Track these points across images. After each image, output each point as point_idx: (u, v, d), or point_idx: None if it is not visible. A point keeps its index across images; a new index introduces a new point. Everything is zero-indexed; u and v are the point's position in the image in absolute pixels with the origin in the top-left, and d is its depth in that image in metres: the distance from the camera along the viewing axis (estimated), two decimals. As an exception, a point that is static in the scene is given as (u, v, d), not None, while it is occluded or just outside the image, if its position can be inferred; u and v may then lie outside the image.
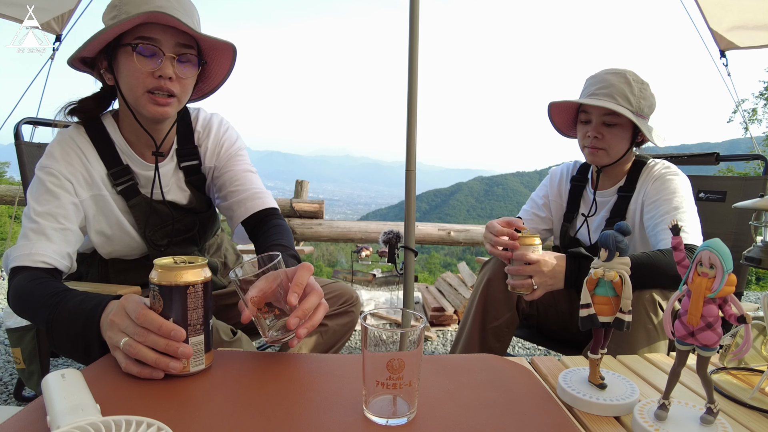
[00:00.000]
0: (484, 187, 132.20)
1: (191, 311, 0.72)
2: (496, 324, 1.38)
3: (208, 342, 0.75)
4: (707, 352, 0.61)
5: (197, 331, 0.73)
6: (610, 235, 0.71)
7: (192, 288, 0.72)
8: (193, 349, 0.72)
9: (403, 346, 0.63)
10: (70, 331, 0.81)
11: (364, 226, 3.99)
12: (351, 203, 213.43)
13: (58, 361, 2.08)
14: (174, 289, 0.71)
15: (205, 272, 0.74)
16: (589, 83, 1.40)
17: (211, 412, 0.64)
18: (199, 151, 1.24)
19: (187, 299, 0.72)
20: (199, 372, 0.73)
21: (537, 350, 2.56)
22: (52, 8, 2.77)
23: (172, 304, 0.71)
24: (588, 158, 1.42)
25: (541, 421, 0.65)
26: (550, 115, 1.51)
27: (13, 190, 3.92)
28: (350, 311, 1.37)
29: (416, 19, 1.77)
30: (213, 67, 1.17)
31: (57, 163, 1.05)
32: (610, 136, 1.35)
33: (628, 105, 1.31)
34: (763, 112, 14.51)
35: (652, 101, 1.36)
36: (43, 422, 0.58)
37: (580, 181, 1.54)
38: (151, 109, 1.02)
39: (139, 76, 1.00)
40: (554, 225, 1.60)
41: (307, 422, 0.63)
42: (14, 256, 0.98)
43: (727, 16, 2.80)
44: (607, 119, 1.34)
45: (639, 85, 1.34)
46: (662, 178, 1.36)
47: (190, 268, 0.73)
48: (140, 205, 1.15)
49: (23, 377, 1.30)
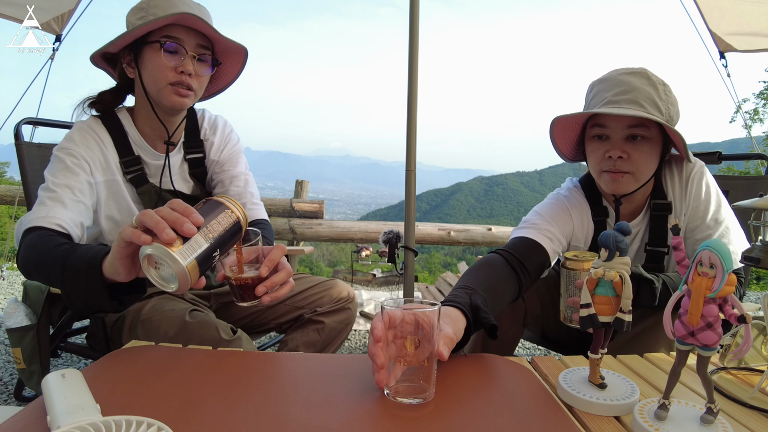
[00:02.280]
0: (484, 187, 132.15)
1: (221, 234, 0.74)
2: (499, 341, 1.21)
3: (203, 258, 0.73)
4: (707, 352, 0.61)
5: (207, 239, 0.73)
6: (611, 235, 0.70)
7: (236, 218, 0.77)
8: (192, 240, 0.71)
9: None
10: (77, 267, 0.84)
11: (364, 226, 3.99)
12: (351, 203, 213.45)
13: (59, 361, 2.08)
14: (216, 204, 0.77)
15: (244, 225, 0.80)
16: (601, 88, 1.10)
17: (211, 411, 0.64)
18: (205, 146, 1.32)
19: (224, 221, 0.75)
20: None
21: (537, 350, 2.56)
22: (51, 8, 2.77)
23: (209, 215, 0.74)
24: (607, 186, 1.11)
25: (541, 421, 0.65)
26: (552, 135, 1.20)
27: (13, 190, 3.92)
28: (346, 308, 1.38)
29: (416, 19, 1.77)
30: (223, 69, 1.27)
31: (76, 146, 1.12)
32: (638, 154, 1.05)
33: (658, 113, 1.04)
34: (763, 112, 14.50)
35: (678, 106, 1.09)
36: (44, 422, 0.58)
37: (598, 215, 1.22)
38: (172, 99, 1.12)
39: (164, 70, 1.10)
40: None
41: (308, 422, 0.63)
42: (29, 219, 1.01)
43: (724, 20, 2.82)
44: (635, 131, 1.05)
45: (663, 87, 1.07)
46: (699, 185, 1.12)
47: (243, 212, 0.79)
48: (149, 192, 1.21)
49: (23, 377, 1.30)
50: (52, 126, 1.68)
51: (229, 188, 1.30)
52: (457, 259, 12.89)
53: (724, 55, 2.96)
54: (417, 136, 1.77)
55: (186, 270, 0.70)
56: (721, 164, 1.78)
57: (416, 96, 1.76)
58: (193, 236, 0.71)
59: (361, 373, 0.77)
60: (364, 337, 2.64)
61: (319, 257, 12.77)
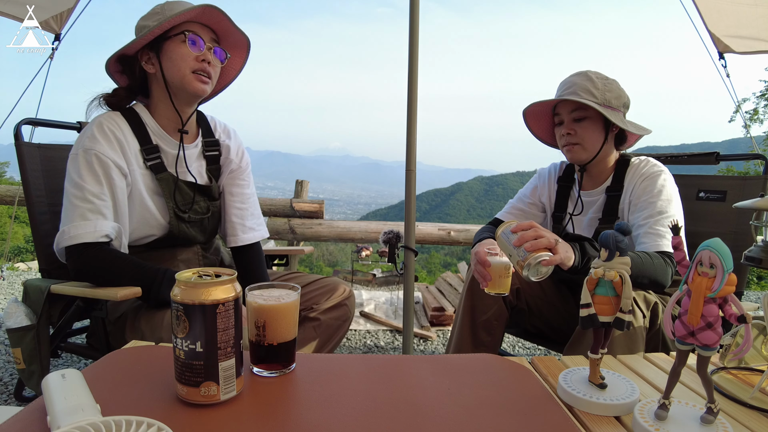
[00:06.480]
0: (484, 187, 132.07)
1: (221, 333, 0.64)
2: (485, 318, 1.39)
3: (239, 366, 0.67)
4: (707, 352, 0.61)
5: (227, 354, 0.65)
6: (611, 235, 0.71)
7: (222, 307, 0.63)
8: (223, 374, 0.64)
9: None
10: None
11: (364, 226, 3.99)
12: (351, 203, 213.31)
13: (59, 362, 2.08)
14: (201, 309, 0.62)
15: (236, 287, 0.67)
16: (558, 87, 1.45)
17: (210, 411, 0.64)
18: (221, 146, 1.43)
19: (216, 320, 0.63)
20: (229, 399, 0.66)
21: (537, 350, 2.56)
22: (51, 6, 2.77)
23: (200, 325, 0.62)
24: (567, 156, 1.47)
25: (541, 421, 0.65)
26: (528, 125, 1.57)
27: (13, 190, 3.91)
28: (343, 305, 1.39)
29: (416, 19, 1.77)
30: (228, 64, 1.36)
31: (101, 145, 1.18)
32: (581, 130, 1.39)
33: (592, 98, 1.35)
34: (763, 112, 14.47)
35: (621, 93, 1.39)
36: (44, 422, 0.58)
37: (566, 181, 1.58)
38: (195, 86, 1.24)
39: (187, 59, 1.22)
40: (544, 223, 1.62)
41: (308, 422, 0.63)
42: (76, 234, 1.14)
43: (723, 21, 2.82)
44: (576, 114, 1.40)
45: (602, 81, 1.39)
46: (648, 177, 1.38)
47: (219, 284, 0.64)
48: (167, 180, 1.29)
49: (23, 377, 1.30)
50: (52, 126, 1.68)
51: (234, 206, 1.44)
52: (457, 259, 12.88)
53: (723, 55, 2.96)
54: (417, 136, 1.77)
55: (237, 391, 0.67)
56: (720, 164, 1.78)
57: (416, 96, 1.75)
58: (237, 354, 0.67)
59: (361, 373, 0.77)
60: (365, 337, 2.64)
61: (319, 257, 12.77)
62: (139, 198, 1.25)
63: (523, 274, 1.02)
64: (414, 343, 2.54)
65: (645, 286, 1.21)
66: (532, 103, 1.48)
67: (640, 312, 1.16)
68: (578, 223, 1.50)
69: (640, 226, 1.33)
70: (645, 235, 1.30)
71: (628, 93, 1.42)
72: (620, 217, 1.42)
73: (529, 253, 1.01)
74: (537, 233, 1.04)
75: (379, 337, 2.66)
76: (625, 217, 1.42)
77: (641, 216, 1.34)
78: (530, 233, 1.04)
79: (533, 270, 1.02)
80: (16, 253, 9.77)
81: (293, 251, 2.06)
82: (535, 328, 1.54)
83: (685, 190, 1.59)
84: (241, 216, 1.44)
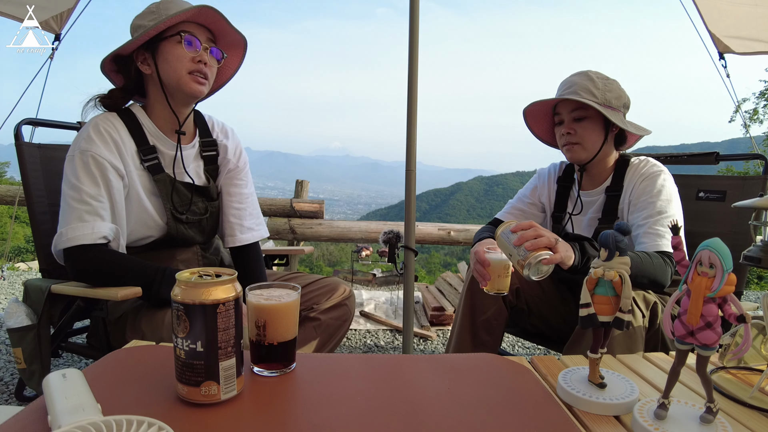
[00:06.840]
0: (484, 187, 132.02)
1: (222, 332, 0.64)
2: (485, 317, 1.39)
3: (239, 365, 0.68)
4: (707, 352, 0.61)
5: (228, 354, 0.65)
6: (610, 235, 0.71)
7: (222, 306, 0.64)
8: (224, 374, 0.65)
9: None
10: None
11: (364, 226, 3.99)
12: (351, 203, 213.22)
13: (59, 361, 2.08)
14: (202, 309, 0.63)
15: (236, 287, 0.67)
16: (558, 87, 1.45)
17: (211, 411, 0.64)
18: (218, 146, 1.42)
19: (217, 319, 0.64)
20: (230, 399, 0.67)
21: (537, 350, 2.56)
22: (51, 6, 2.77)
23: (200, 325, 0.63)
24: (567, 156, 1.46)
25: (541, 421, 0.65)
26: (528, 125, 1.57)
27: (13, 190, 3.91)
28: (343, 305, 1.39)
29: (416, 19, 1.77)
30: (225, 63, 1.35)
31: (97, 147, 1.18)
32: (581, 129, 1.39)
33: (593, 98, 1.35)
34: (763, 112, 14.48)
35: (621, 94, 1.39)
36: (44, 422, 0.58)
37: (565, 181, 1.58)
38: (192, 87, 1.22)
39: (184, 60, 1.20)
40: (544, 223, 1.62)
41: (308, 421, 0.63)
42: (74, 236, 1.14)
43: (723, 21, 2.82)
44: (576, 114, 1.39)
45: (603, 80, 1.39)
46: (647, 177, 1.38)
47: (220, 284, 0.65)
48: (164, 181, 1.29)
49: (24, 377, 1.30)
50: (52, 126, 1.68)
51: (233, 206, 1.43)
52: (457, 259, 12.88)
53: (723, 55, 2.97)
54: (417, 136, 1.77)
55: (237, 390, 0.67)
56: (720, 164, 1.78)
57: (416, 96, 1.76)
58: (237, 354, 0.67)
59: (361, 373, 0.77)
60: (365, 337, 2.64)
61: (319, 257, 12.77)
62: (137, 199, 1.25)
63: (524, 274, 1.03)
64: (414, 343, 2.54)
65: (644, 286, 1.21)
66: (532, 103, 1.48)
67: (639, 312, 1.16)
68: (578, 223, 1.50)
69: (640, 226, 1.33)
70: (645, 235, 1.30)
71: (628, 93, 1.42)
72: (620, 217, 1.42)
73: (530, 253, 1.02)
74: (537, 232, 1.05)
75: (379, 336, 2.66)
76: (624, 217, 1.41)
77: (641, 216, 1.34)
78: (530, 233, 1.05)
79: (534, 269, 1.02)
80: (17, 253, 9.77)
81: (293, 251, 2.06)
82: (534, 328, 1.54)
83: (685, 190, 1.59)
84: (239, 216, 1.44)
